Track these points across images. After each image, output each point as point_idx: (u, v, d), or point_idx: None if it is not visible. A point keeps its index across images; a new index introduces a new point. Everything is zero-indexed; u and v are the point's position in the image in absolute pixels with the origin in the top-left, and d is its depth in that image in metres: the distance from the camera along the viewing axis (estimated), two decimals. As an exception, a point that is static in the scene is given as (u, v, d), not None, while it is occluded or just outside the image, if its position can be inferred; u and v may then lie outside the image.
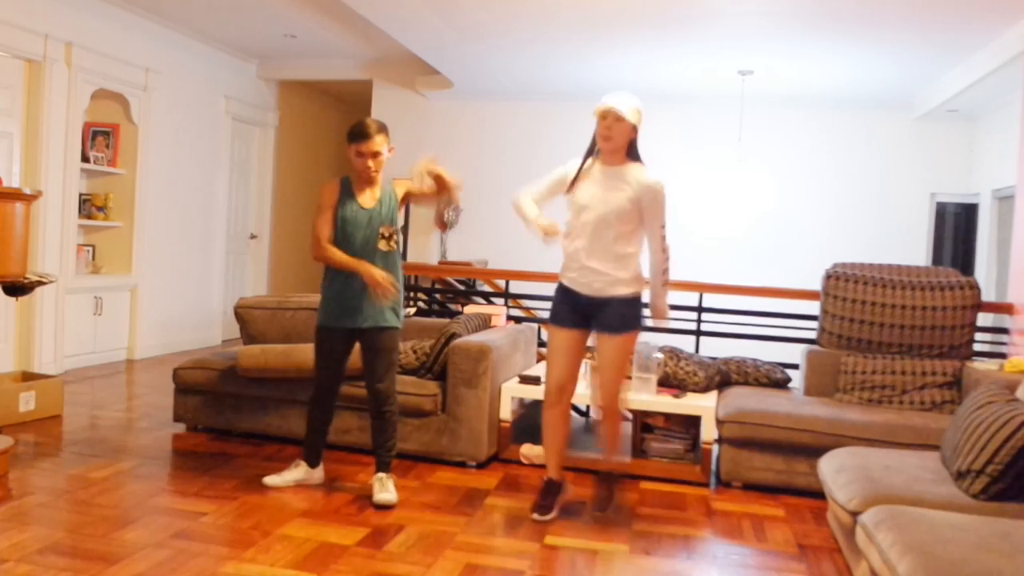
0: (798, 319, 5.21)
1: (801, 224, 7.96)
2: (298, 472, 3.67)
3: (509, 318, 5.23)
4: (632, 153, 3.29)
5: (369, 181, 3.49)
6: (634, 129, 3.23)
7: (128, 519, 3.15)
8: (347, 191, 3.50)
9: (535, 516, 3.39)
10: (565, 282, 3.37)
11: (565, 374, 3.40)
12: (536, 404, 4.87)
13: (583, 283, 3.29)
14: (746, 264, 7.96)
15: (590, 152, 3.34)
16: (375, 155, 3.41)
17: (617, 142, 3.22)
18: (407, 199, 3.58)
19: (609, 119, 3.18)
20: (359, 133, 3.39)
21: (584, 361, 4.59)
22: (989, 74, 5.83)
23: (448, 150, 8.52)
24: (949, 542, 2.19)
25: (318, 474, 3.71)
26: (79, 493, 3.43)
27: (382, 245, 3.47)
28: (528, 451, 4.20)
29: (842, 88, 7.27)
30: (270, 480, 3.63)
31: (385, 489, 3.48)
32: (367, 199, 3.47)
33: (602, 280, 3.26)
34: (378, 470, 3.55)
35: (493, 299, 6.20)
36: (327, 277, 3.53)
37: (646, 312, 3.46)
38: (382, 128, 3.43)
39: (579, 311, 3.35)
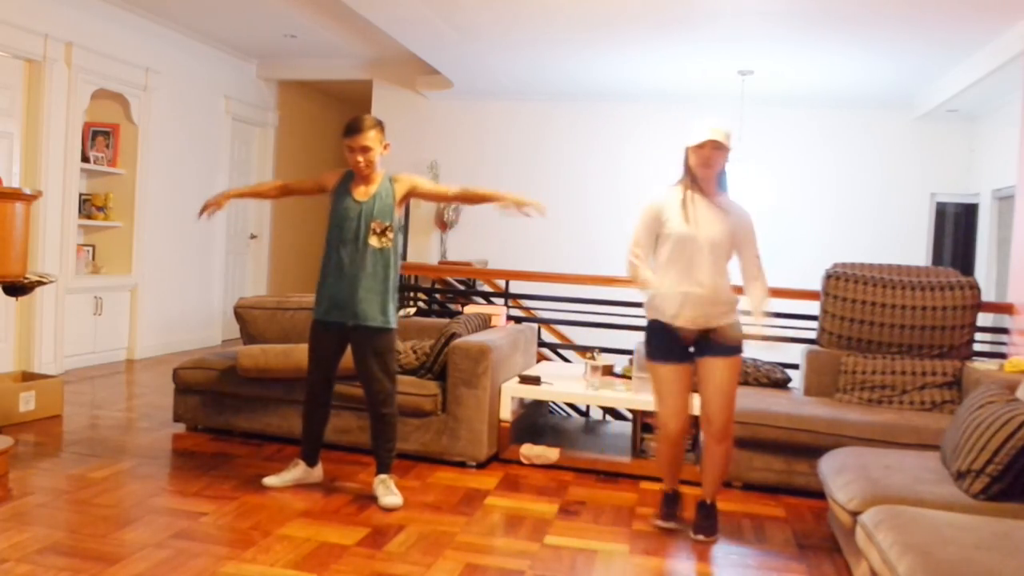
0: (798, 319, 5.20)
1: (801, 224, 7.95)
2: (297, 471, 3.66)
3: (509, 318, 5.22)
4: (722, 182, 3.26)
5: (364, 178, 3.47)
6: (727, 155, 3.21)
7: (128, 519, 3.15)
8: (346, 183, 3.50)
9: (659, 523, 3.38)
10: (666, 319, 3.19)
11: (686, 412, 3.29)
12: (536, 404, 4.88)
13: (690, 316, 3.15)
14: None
15: (692, 183, 3.23)
16: (364, 150, 3.38)
17: (715, 169, 3.20)
18: (408, 197, 3.56)
19: (708, 148, 3.15)
20: (350, 128, 3.40)
21: (585, 361, 4.59)
22: (989, 74, 5.82)
23: (448, 150, 8.53)
24: (949, 542, 2.19)
25: (317, 472, 3.71)
26: (79, 493, 3.43)
27: (373, 241, 3.42)
28: (528, 451, 4.20)
29: (842, 88, 7.27)
30: (269, 481, 3.63)
31: (390, 492, 3.48)
32: (361, 193, 3.46)
33: (711, 310, 3.17)
34: (379, 472, 3.54)
35: (493, 299, 6.20)
36: (320, 273, 3.53)
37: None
38: (375, 124, 3.41)
39: (684, 343, 3.24)
